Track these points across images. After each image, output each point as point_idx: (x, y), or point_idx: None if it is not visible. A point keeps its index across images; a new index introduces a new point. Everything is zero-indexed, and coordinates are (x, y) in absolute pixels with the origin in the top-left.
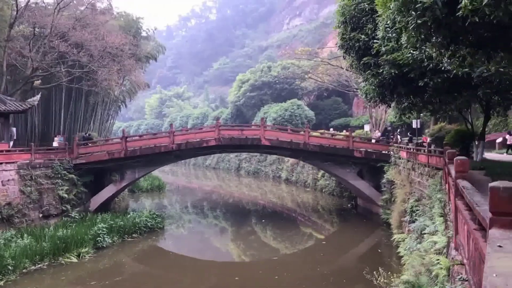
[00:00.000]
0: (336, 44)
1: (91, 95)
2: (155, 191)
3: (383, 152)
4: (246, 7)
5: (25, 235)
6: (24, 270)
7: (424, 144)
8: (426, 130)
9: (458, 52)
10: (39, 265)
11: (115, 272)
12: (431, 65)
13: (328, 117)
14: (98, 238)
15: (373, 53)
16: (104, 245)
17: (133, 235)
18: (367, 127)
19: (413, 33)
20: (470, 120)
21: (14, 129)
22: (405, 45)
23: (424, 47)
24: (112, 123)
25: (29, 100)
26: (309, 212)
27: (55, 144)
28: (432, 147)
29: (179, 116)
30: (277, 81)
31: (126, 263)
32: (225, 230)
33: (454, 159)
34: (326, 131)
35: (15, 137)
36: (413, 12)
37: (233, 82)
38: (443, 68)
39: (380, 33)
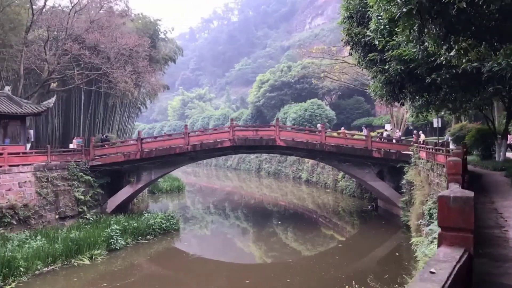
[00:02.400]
0: (342, 40)
1: (110, 97)
2: (175, 192)
3: (403, 152)
4: (268, 8)
5: (39, 236)
6: (36, 272)
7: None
8: (448, 129)
9: (458, 44)
10: (51, 267)
11: (126, 274)
12: (438, 61)
13: (350, 116)
14: (111, 240)
15: (378, 48)
16: (118, 247)
17: (147, 237)
18: (388, 127)
19: (404, 23)
20: (492, 118)
21: (31, 131)
22: (401, 38)
23: (419, 40)
24: (132, 125)
25: (44, 102)
26: (330, 214)
27: (71, 146)
28: (452, 146)
29: (200, 117)
30: (297, 81)
31: (138, 265)
32: (242, 231)
33: (446, 160)
34: (345, 131)
35: (32, 139)
36: (398, 0)
37: (254, 83)
38: (452, 64)
39: (372, 25)
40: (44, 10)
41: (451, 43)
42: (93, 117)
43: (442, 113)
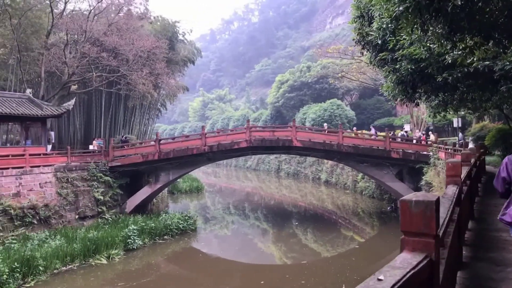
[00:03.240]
0: (353, 39)
1: (130, 99)
2: (194, 192)
3: (422, 152)
4: (288, 8)
5: (58, 236)
6: (55, 271)
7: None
8: (468, 129)
9: (463, 42)
10: (69, 266)
11: (143, 274)
12: (449, 59)
13: (371, 117)
14: (128, 240)
15: (389, 48)
16: (135, 247)
17: (165, 237)
18: (407, 127)
19: (404, 22)
20: None
21: (52, 133)
22: (403, 36)
23: (422, 39)
24: (152, 126)
25: (64, 104)
26: (349, 215)
27: (91, 147)
28: (472, 146)
29: (220, 118)
30: (316, 81)
31: (155, 265)
32: (260, 232)
33: (446, 161)
34: (364, 132)
35: (53, 141)
36: None
37: (273, 83)
38: (458, 63)
39: (375, 24)
40: (64, 14)
41: (455, 41)
42: (113, 119)
43: (463, 112)
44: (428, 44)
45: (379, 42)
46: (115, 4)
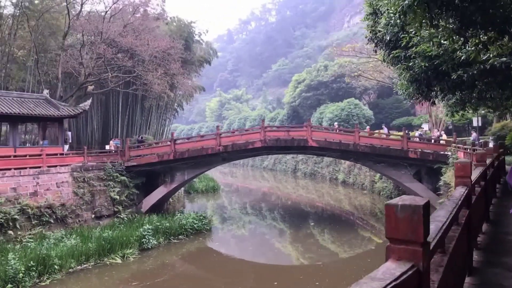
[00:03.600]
0: (366, 37)
1: (146, 100)
2: (210, 192)
3: (441, 152)
4: (305, 7)
5: (74, 235)
6: (70, 270)
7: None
8: (488, 128)
9: (475, 38)
10: (84, 265)
11: (157, 273)
12: (462, 56)
13: (389, 116)
14: (143, 240)
15: (402, 45)
16: (149, 247)
17: (179, 236)
18: (425, 126)
19: (412, 16)
20: None
21: (69, 133)
22: (412, 31)
23: (432, 35)
24: (169, 126)
25: (80, 105)
26: (367, 216)
27: (107, 147)
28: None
29: (237, 118)
30: (333, 80)
31: (169, 264)
32: (276, 232)
33: (455, 162)
34: (370, 131)
35: (70, 141)
36: None
37: (290, 83)
38: (471, 59)
39: (383, 20)
40: (81, 15)
41: (467, 37)
42: (130, 119)
43: (483, 111)
44: (440, 40)
45: (388, 38)
46: (132, 5)
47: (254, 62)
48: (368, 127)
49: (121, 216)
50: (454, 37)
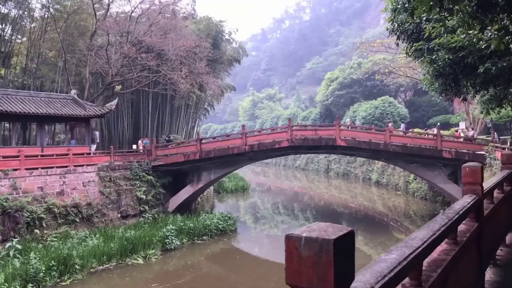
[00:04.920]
0: (387, 29)
1: (175, 99)
2: (240, 191)
3: (478, 152)
4: (340, 4)
5: (97, 235)
6: (91, 270)
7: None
8: None
9: (495, 22)
10: (106, 265)
11: (179, 275)
12: (483, 45)
13: (426, 114)
14: (166, 240)
15: (425, 36)
16: (172, 247)
17: (203, 237)
18: (462, 125)
19: None
20: None
21: (97, 133)
22: (420, 18)
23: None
24: (200, 125)
25: (107, 105)
26: (401, 217)
27: (134, 146)
28: None
29: (269, 117)
30: (367, 78)
31: (191, 265)
32: None
33: (463, 166)
34: (392, 128)
35: (97, 141)
36: None
37: (323, 81)
38: (491, 48)
39: (389, 4)
40: (108, 16)
41: (486, 22)
42: (160, 119)
43: None
44: (449, 25)
45: (406, 27)
46: (161, 4)
47: (288, 61)
48: (390, 124)
49: (146, 216)
50: (470, 22)
